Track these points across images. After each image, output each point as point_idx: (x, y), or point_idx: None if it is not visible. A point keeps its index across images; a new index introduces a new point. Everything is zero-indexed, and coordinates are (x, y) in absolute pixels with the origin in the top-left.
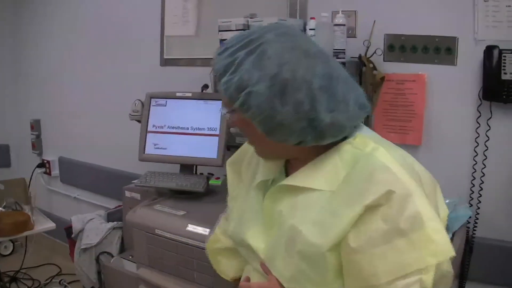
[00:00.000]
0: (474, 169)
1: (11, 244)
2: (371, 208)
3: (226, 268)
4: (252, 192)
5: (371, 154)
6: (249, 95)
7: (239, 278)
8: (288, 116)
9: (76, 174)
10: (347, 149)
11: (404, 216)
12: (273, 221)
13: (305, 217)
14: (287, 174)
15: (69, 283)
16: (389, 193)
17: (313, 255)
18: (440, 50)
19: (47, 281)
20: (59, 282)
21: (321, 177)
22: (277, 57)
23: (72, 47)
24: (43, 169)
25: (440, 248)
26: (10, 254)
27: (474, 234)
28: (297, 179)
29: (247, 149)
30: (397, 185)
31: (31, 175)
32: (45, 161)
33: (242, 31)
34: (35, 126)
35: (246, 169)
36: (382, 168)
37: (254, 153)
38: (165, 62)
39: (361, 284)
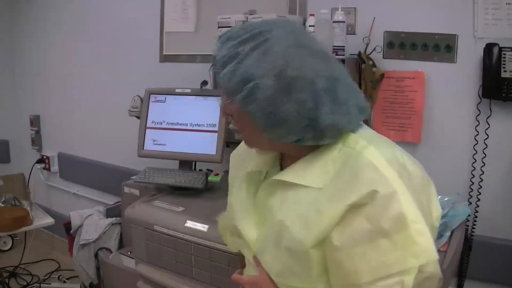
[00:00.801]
0: (473, 167)
1: (10, 239)
2: (355, 207)
3: (232, 243)
4: (242, 183)
5: (360, 152)
6: (254, 89)
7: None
8: (291, 113)
9: (75, 170)
10: (338, 147)
11: (387, 216)
12: (265, 215)
13: (293, 213)
14: (282, 167)
15: (68, 278)
16: (373, 192)
17: (297, 251)
18: (440, 47)
19: (46, 277)
20: (58, 278)
21: (311, 174)
22: (284, 54)
23: (72, 42)
24: (43, 165)
25: (423, 250)
26: (10, 249)
27: (473, 232)
28: (288, 174)
29: None
30: (382, 184)
31: (31, 171)
32: (45, 157)
33: (247, 22)
34: (35, 121)
35: (244, 160)
36: (369, 167)
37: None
38: (165, 58)
39: (343, 281)
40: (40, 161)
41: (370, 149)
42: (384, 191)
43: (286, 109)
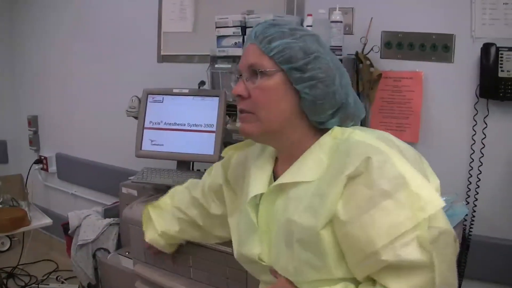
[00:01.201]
0: (471, 166)
1: (9, 240)
2: (352, 178)
3: (151, 231)
4: (246, 207)
5: (348, 137)
6: (317, 59)
7: (153, 247)
8: (338, 90)
9: (73, 170)
10: (327, 140)
11: (386, 178)
12: (270, 223)
13: (298, 208)
14: (276, 175)
15: (66, 279)
16: (367, 159)
17: (309, 239)
18: (437, 47)
19: (44, 277)
20: (56, 278)
21: (307, 170)
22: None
23: (70, 42)
24: (40, 165)
25: (428, 201)
26: (8, 250)
27: (471, 231)
28: (286, 177)
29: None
30: (373, 152)
31: (28, 172)
32: (42, 157)
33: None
34: (33, 122)
35: (238, 182)
36: (357, 143)
37: (242, 171)
38: (163, 59)
39: (360, 255)
40: (38, 161)
41: (357, 132)
42: (377, 157)
43: (336, 86)
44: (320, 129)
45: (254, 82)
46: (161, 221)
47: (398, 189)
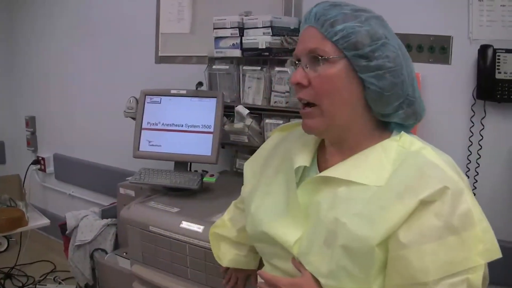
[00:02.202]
0: (468, 168)
1: (6, 240)
2: (424, 204)
3: (224, 254)
4: (281, 178)
5: (419, 152)
6: (384, 45)
7: (228, 269)
8: (406, 81)
9: (71, 171)
10: (393, 146)
11: (457, 213)
12: (308, 213)
13: (349, 210)
14: (319, 165)
15: (63, 280)
16: (444, 189)
17: (359, 249)
18: (435, 49)
19: (42, 278)
20: (54, 279)
21: (365, 171)
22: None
23: (67, 44)
24: (38, 166)
25: (489, 248)
26: (5, 250)
27: None
28: (339, 171)
29: (264, 148)
30: (450, 182)
31: (26, 172)
32: (40, 158)
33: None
34: (30, 122)
35: (266, 165)
36: (432, 166)
37: (274, 152)
38: (160, 60)
39: (407, 281)
40: (36, 162)
41: (428, 150)
42: (453, 188)
43: (399, 79)
44: (384, 128)
45: (315, 69)
46: (229, 227)
47: (466, 228)
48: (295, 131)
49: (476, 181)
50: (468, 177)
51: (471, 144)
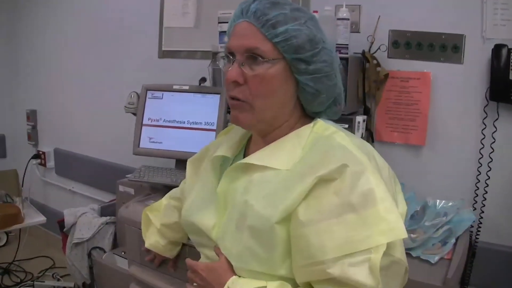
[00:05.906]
0: (479, 171)
1: (5, 235)
2: (323, 181)
3: (149, 237)
4: (209, 171)
5: (330, 136)
6: (323, 50)
7: (151, 252)
8: (338, 82)
9: (71, 166)
10: (306, 132)
11: (356, 191)
12: (227, 200)
13: (259, 193)
14: (246, 156)
15: (62, 276)
16: (343, 167)
17: (262, 228)
18: (447, 47)
19: (40, 274)
20: (52, 276)
21: (278, 157)
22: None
23: (69, 37)
24: (38, 160)
25: (391, 228)
26: (4, 245)
27: (478, 238)
28: (254, 158)
29: (208, 147)
30: (351, 160)
31: (26, 166)
32: (41, 152)
33: None
34: (31, 116)
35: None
36: (339, 147)
37: (215, 149)
38: (164, 54)
39: (308, 260)
40: (36, 156)
41: (340, 134)
42: (354, 167)
43: (333, 81)
44: (307, 120)
45: (252, 68)
46: (159, 216)
47: (366, 205)
48: (234, 128)
49: (487, 185)
50: (479, 181)
51: (483, 147)
